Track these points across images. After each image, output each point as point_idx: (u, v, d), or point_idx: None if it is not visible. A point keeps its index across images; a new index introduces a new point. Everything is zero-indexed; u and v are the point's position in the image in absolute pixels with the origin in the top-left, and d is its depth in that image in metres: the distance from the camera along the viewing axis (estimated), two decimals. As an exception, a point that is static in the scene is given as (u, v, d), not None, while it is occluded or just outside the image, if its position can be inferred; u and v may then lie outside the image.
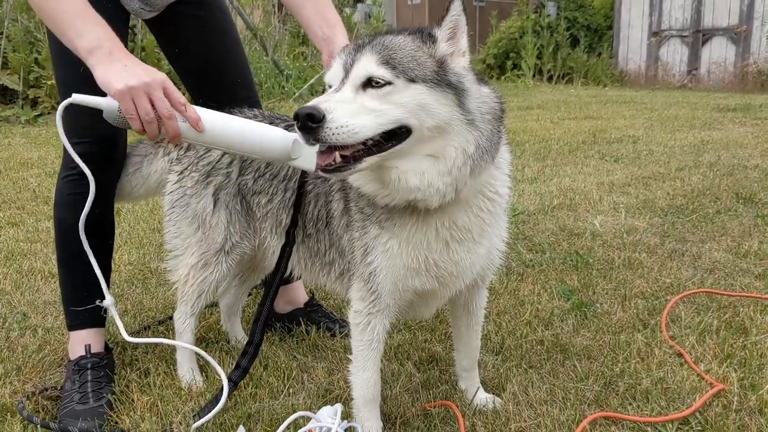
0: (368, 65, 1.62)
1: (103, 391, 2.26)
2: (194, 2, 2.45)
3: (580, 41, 15.05)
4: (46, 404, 2.28)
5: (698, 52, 13.46)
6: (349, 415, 2.04)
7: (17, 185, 5.33)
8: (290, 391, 2.31)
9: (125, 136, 2.38)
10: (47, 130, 7.50)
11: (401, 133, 1.62)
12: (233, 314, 2.78)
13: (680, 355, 2.48)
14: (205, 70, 2.53)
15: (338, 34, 2.21)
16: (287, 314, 2.86)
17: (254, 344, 2.15)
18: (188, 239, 2.33)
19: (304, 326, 2.79)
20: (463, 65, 1.70)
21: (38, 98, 8.63)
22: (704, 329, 2.66)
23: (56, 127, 1.89)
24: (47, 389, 2.33)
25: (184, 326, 2.40)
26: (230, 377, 2.14)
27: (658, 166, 5.75)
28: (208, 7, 2.49)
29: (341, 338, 2.68)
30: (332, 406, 1.99)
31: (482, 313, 2.21)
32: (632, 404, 2.17)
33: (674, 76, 13.87)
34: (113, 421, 2.17)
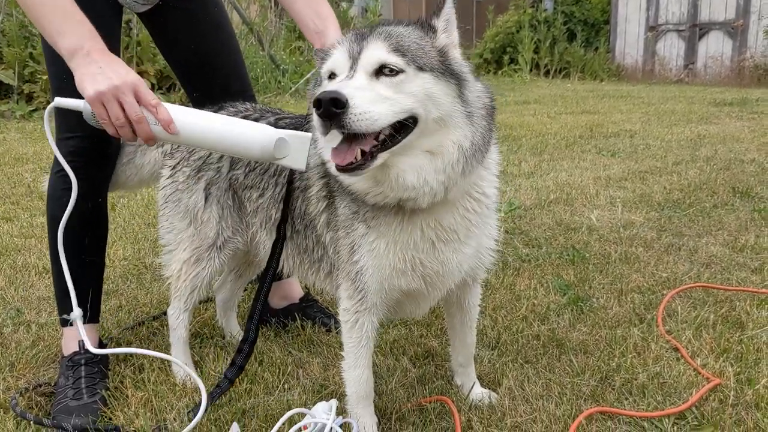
0: (379, 52, 1.58)
1: (97, 387, 2.25)
2: (187, -5, 2.43)
3: (577, 36, 15.03)
4: (39, 400, 2.27)
5: (695, 46, 13.45)
6: (344, 410, 2.03)
7: (12, 180, 5.31)
8: (285, 386, 2.30)
9: None
10: (42, 125, 7.45)
11: (408, 125, 1.59)
12: (229, 309, 2.77)
13: (677, 349, 2.47)
14: (198, 63, 2.51)
15: (330, 27, 2.21)
16: (282, 310, 2.86)
17: (249, 342, 2.14)
18: (180, 234, 2.32)
19: (299, 322, 2.78)
20: (459, 57, 1.70)
21: (33, 93, 8.58)
22: (701, 324, 2.66)
23: (51, 123, 1.88)
24: (41, 385, 2.32)
25: (177, 322, 2.39)
26: (226, 374, 2.14)
27: (654, 160, 5.75)
28: (201, 0, 2.47)
29: (336, 334, 2.66)
30: (327, 401, 1.98)
31: (476, 310, 2.20)
32: (628, 399, 2.17)
33: (671, 70, 13.86)
34: (107, 417, 2.17)
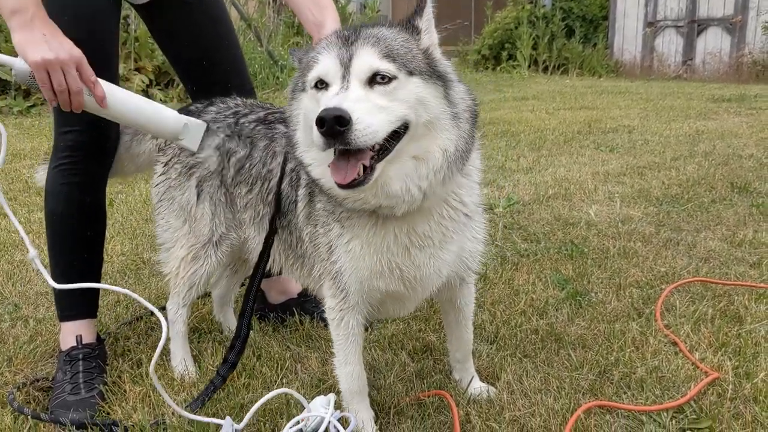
0: (371, 59, 1.54)
1: (94, 381, 2.25)
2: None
3: (575, 32, 14.98)
4: (37, 395, 2.27)
5: (693, 42, 13.43)
6: (342, 405, 2.03)
7: (9, 176, 5.30)
8: (284, 381, 2.30)
9: (117, 126, 2.35)
10: (40, 121, 7.44)
11: (400, 132, 1.56)
12: (225, 304, 2.77)
13: (675, 343, 2.47)
14: (196, 58, 2.50)
15: (328, 18, 2.18)
16: (280, 305, 2.85)
17: (241, 338, 2.13)
18: (176, 232, 2.33)
19: (297, 316, 2.78)
20: (442, 57, 1.68)
21: (30, 89, 8.56)
22: (699, 318, 2.66)
23: (49, 117, 1.89)
24: (38, 380, 2.32)
25: (176, 316, 2.40)
26: (218, 371, 2.14)
27: (653, 155, 5.74)
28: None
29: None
30: (325, 396, 1.98)
31: (470, 308, 2.17)
32: (627, 393, 2.17)
33: (669, 66, 13.83)
34: (105, 411, 2.16)
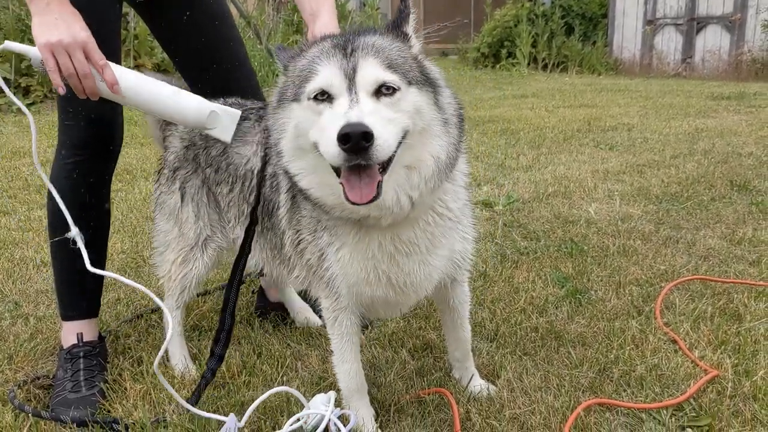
0: (376, 71, 1.52)
1: (95, 379, 2.26)
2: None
3: (574, 30, 14.97)
4: (38, 393, 2.28)
5: (693, 40, 13.42)
6: (342, 402, 2.03)
7: (9, 174, 5.29)
8: (284, 379, 2.30)
9: (122, 123, 2.34)
10: (40, 118, 7.42)
11: (399, 142, 1.53)
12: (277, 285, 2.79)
13: (674, 341, 2.48)
14: (197, 57, 2.49)
15: (323, 9, 2.15)
16: (280, 303, 2.85)
17: (225, 330, 2.11)
18: (167, 235, 2.35)
19: (297, 314, 2.78)
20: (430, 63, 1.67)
21: (30, 86, 8.54)
22: (698, 316, 2.66)
23: (48, 116, 1.88)
24: (39, 378, 2.33)
25: (171, 318, 2.40)
26: (207, 364, 2.13)
27: (652, 153, 5.75)
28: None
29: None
30: (326, 393, 1.99)
31: (466, 307, 2.17)
32: (627, 391, 2.17)
33: (669, 64, 13.82)
34: (106, 409, 2.17)
